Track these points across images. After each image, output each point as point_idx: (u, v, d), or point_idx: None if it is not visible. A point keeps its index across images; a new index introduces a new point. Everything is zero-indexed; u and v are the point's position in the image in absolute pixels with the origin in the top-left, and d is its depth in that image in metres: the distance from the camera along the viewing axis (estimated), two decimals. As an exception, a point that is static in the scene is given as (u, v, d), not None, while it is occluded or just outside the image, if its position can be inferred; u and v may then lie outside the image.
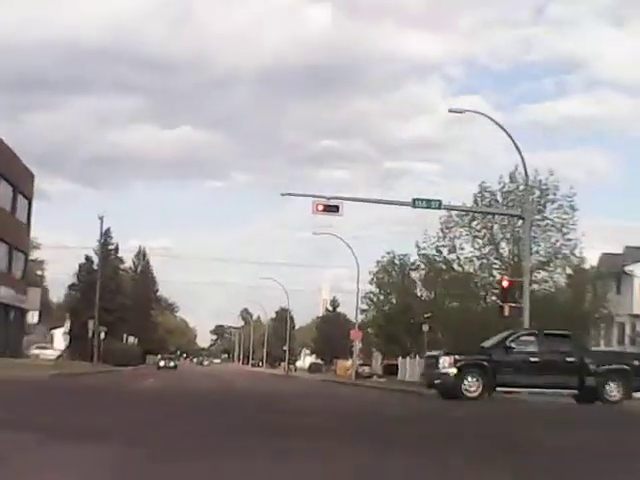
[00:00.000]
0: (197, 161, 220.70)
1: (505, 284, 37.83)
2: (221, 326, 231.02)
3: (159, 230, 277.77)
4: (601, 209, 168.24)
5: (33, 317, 70.19)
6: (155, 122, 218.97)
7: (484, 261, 48.54)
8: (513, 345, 29.40)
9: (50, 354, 70.83)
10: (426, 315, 61.84)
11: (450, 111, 38.55)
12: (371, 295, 79.67)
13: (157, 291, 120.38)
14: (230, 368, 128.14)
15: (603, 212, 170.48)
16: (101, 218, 68.29)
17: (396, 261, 78.14)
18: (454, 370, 28.24)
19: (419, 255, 55.87)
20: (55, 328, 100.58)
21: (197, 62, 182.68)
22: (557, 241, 47.20)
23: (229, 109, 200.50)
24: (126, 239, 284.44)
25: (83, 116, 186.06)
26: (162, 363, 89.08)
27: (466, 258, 49.21)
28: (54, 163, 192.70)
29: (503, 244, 47.66)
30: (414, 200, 36.39)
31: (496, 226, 47.63)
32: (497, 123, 37.99)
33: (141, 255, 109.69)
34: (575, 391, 29.13)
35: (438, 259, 51.63)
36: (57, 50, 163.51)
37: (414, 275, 73.98)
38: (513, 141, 36.80)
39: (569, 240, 46.95)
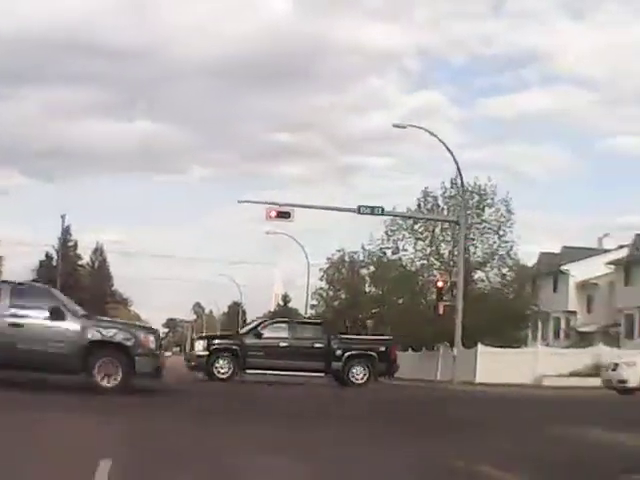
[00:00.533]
0: (154, 154, 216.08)
1: (440, 284, 41.72)
2: (173, 319, 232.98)
3: (115, 224, 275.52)
4: (560, 205, 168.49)
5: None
6: (111, 114, 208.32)
7: (425, 262, 52.49)
8: (264, 332, 33.21)
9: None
10: (373, 310, 65.45)
11: (394, 126, 42.22)
12: (321, 291, 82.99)
13: (112, 286, 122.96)
14: (180, 361, 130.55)
15: (561, 208, 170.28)
16: (62, 217, 71.57)
17: (346, 258, 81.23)
18: (206, 353, 32.12)
19: (364, 254, 59.95)
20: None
21: (153, 53, 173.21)
22: (494, 243, 51.42)
23: (186, 101, 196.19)
24: (82, 233, 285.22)
25: (37, 108, 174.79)
26: None
27: (408, 259, 53.26)
28: (9, 157, 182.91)
29: (444, 245, 51.52)
30: (359, 207, 40.34)
31: (437, 229, 51.51)
32: (435, 135, 42.26)
33: (99, 251, 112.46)
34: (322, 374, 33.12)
35: (382, 260, 55.83)
36: (7, 40, 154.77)
37: (363, 272, 77.43)
38: (451, 153, 41.40)
39: (505, 242, 51.21)
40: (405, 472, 8.97)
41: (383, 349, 33.87)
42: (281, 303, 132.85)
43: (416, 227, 52.19)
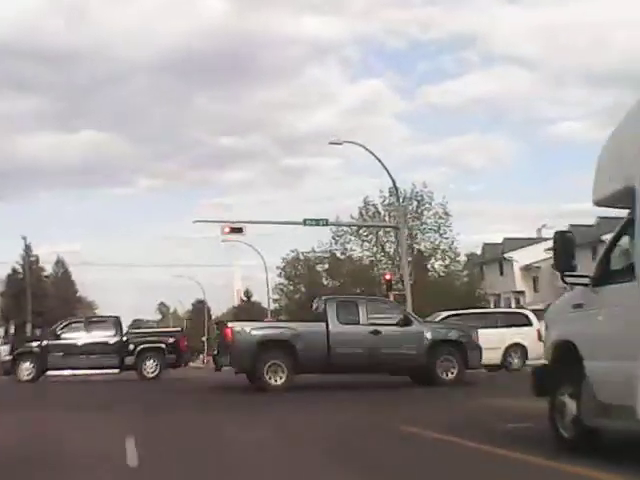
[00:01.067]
0: (101, 166, 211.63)
1: (388, 277, 46.16)
2: (139, 320, 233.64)
3: (69, 237, 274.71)
4: (505, 194, 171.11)
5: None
6: (57, 126, 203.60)
7: (373, 259, 57.83)
8: (61, 332, 34.18)
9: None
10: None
11: (330, 143, 45.31)
12: (281, 286, 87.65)
13: (77, 292, 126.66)
14: None
15: (506, 197, 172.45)
16: (24, 238, 78.11)
17: (301, 256, 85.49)
18: (10, 357, 34.09)
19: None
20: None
21: (93, 56, 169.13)
22: (436, 240, 56.96)
23: (128, 109, 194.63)
24: (38, 247, 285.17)
25: None
26: None
27: (357, 257, 58.83)
28: None
29: (388, 245, 56.67)
30: (304, 220, 44.64)
31: (380, 232, 56.75)
32: (369, 151, 45.56)
33: (60, 263, 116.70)
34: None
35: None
36: None
37: (319, 267, 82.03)
38: (384, 167, 45.50)
39: (446, 238, 56.78)
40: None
41: (172, 341, 35.20)
42: (244, 298, 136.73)
43: (360, 231, 57.70)
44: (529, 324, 33.87)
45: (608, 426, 9.14)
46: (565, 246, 9.70)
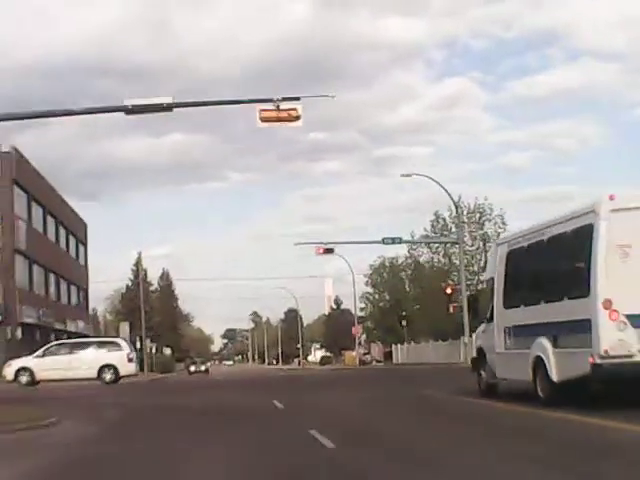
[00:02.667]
0: (192, 164, 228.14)
1: (448, 290, 56.30)
2: (232, 330, 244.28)
3: (160, 238, 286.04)
4: (595, 177, 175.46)
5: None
6: (144, 132, 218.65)
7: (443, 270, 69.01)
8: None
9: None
10: (417, 307, 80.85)
11: (402, 176, 56.10)
12: (367, 295, 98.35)
13: (177, 307, 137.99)
14: (250, 368, 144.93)
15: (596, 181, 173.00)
16: (139, 253, 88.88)
17: (386, 263, 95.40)
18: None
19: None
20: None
21: (179, 68, 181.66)
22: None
23: (218, 112, 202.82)
24: (128, 250, 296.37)
25: (73, 132, 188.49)
26: (193, 368, 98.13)
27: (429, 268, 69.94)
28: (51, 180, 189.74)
29: (454, 256, 67.00)
30: (383, 239, 56.06)
31: (448, 245, 67.30)
32: (435, 181, 55.94)
33: (165, 277, 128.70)
34: None
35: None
36: (41, 68, 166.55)
37: (402, 275, 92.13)
38: (446, 191, 55.75)
39: None
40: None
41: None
42: (334, 306, 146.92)
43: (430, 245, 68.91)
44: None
45: (496, 382, 20.42)
46: (474, 303, 21.24)
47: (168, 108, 24.66)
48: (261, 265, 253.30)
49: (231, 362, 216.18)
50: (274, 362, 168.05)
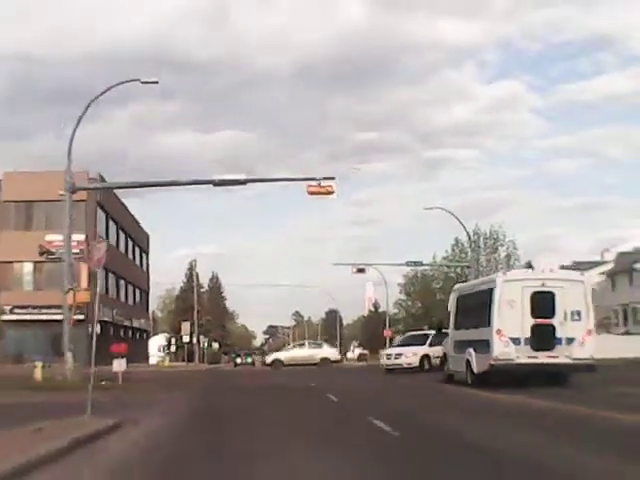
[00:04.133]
0: (239, 162, 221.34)
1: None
2: (274, 326, 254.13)
3: (207, 236, 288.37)
4: None
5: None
6: (196, 127, 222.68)
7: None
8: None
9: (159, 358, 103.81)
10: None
11: (425, 209, 67.57)
12: (400, 301, 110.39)
13: (224, 306, 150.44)
14: None
15: None
16: (193, 262, 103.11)
17: (418, 275, 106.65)
18: None
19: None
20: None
21: (233, 63, 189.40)
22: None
23: (268, 108, 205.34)
24: (176, 247, 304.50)
25: (125, 125, 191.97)
26: (239, 360, 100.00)
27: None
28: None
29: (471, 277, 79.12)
30: (407, 262, 68.13)
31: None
32: (452, 214, 66.88)
33: (214, 279, 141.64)
34: None
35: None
36: (96, 60, 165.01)
37: (434, 284, 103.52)
38: (461, 224, 66.96)
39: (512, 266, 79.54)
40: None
41: None
42: (372, 309, 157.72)
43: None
44: None
45: (452, 373, 32.42)
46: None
47: (244, 182, 36.72)
48: (305, 266, 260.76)
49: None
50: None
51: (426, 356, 47.64)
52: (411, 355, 47.89)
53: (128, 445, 13.77)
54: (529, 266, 42.48)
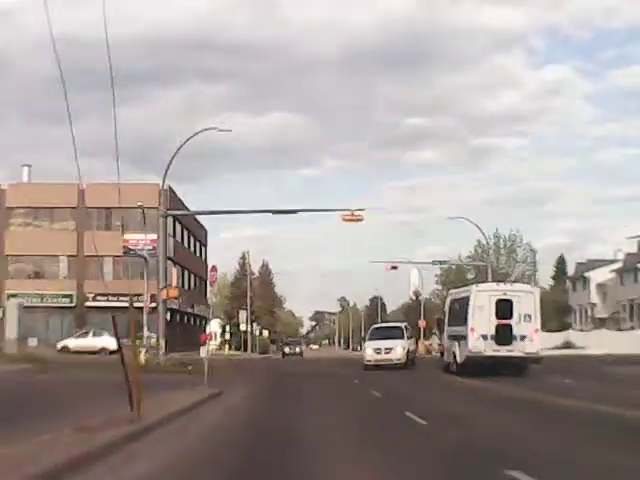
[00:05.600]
0: (287, 147, 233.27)
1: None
2: (320, 312, 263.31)
3: (254, 220, 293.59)
4: None
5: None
6: (244, 110, 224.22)
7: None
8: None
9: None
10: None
11: (449, 219, 79.85)
12: (437, 292, 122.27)
13: (273, 293, 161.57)
14: (336, 352, 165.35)
15: None
16: (246, 252, 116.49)
17: (453, 267, 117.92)
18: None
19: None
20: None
21: (282, 47, 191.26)
22: (524, 270, 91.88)
23: (316, 93, 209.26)
24: (221, 230, 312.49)
25: (171, 108, 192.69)
26: (287, 349, 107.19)
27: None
28: (146, 157, 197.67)
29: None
30: (432, 261, 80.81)
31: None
32: (473, 223, 79.13)
33: (265, 267, 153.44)
34: None
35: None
36: (143, 43, 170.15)
37: (467, 275, 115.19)
38: (481, 230, 78.98)
39: (530, 269, 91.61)
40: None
41: None
42: (413, 298, 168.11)
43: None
44: None
45: (448, 362, 44.10)
46: (439, 323, 45.43)
47: (295, 212, 49.05)
48: (352, 251, 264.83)
49: (317, 346, 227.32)
50: (358, 348, 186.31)
51: (408, 350, 49.47)
52: (401, 349, 48.38)
53: (232, 400, 25.87)
54: (499, 281, 53.64)
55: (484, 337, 38.58)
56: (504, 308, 38.74)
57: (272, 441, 15.37)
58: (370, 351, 48.65)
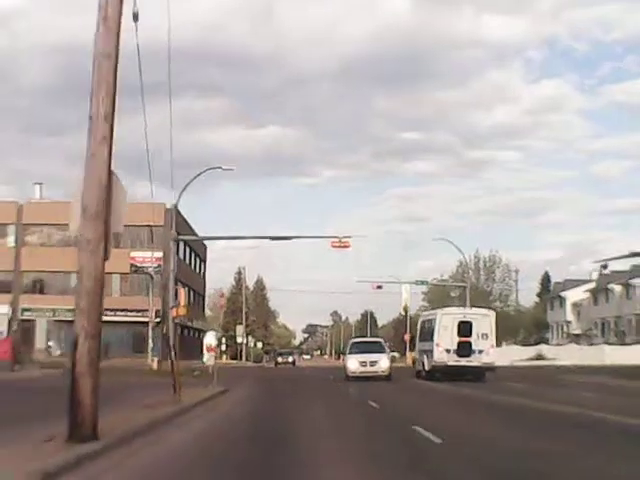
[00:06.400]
0: (283, 159, 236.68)
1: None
2: (313, 325, 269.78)
3: (249, 230, 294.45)
4: None
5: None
6: (241, 122, 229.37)
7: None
8: None
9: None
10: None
11: (433, 240, 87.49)
12: (424, 307, 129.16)
13: (267, 307, 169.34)
14: (326, 362, 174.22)
15: None
16: (242, 269, 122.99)
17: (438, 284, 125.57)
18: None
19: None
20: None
21: (278, 60, 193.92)
22: (502, 289, 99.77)
23: (312, 105, 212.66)
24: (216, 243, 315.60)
25: (167, 120, 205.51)
26: (280, 359, 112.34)
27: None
28: (142, 167, 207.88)
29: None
30: (416, 280, 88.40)
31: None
32: (455, 246, 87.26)
33: (259, 282, 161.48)
34: None
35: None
36: (142, 54, 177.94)
37: (452, 294, 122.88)
38: (460, 252, 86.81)
39: (508, 288, 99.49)
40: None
41: None
42: (403, 313, 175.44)
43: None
44: None
45: (419, 370, 51.97)
46: (413, 339, 53.08)
47: (290, 238, 56.57)
48: (345, 264, 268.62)
49: (309, 356, 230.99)
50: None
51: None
52: (386, 362, 49.97)
53: (237, 396, 33.23)
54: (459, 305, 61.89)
55: (447, 351, 46.30)
56: (465, 328, 46.73)
57: (271, 419, 22.57)
58: (355, 363, 50.05)
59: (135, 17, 14.41)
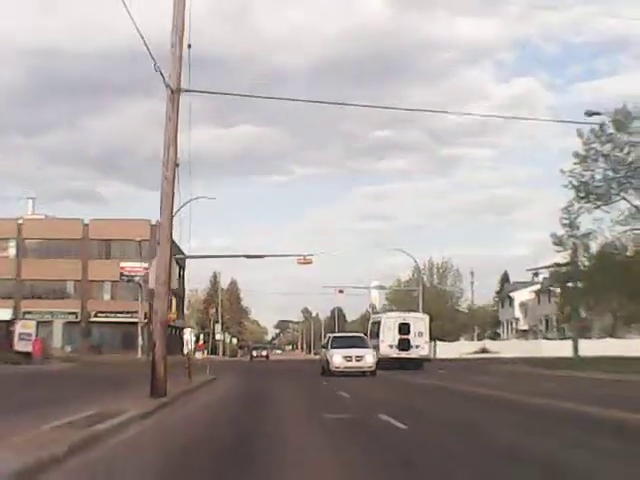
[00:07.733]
0: (257, 157, 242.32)
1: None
2: (284, 321, 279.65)
3: (221, 228, 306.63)
4: None
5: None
6: (213, 122, 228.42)
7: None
8: None
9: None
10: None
11: (389, 250, 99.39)
12: (386, 307, 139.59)
13: (240, 305, 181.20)
14: (298, 356, 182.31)
15: None
16: (218, 273, 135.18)
17: (401, 285, 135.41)
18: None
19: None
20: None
21: (252, 59, 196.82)
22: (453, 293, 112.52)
23: (286, 104, 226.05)
24: (193, 239, 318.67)
25: (142, 119, 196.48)
26: (255, 353, 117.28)
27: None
28: (112, 166, 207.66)
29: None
30: (374, 286, 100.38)
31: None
32: (408, 253, 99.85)
33: (233, 284, 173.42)
34: None
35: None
36: (114, 54, 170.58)
37: (414, 294, 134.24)
38: (414, 260, 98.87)
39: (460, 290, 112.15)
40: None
41: None
42: (370, 310, 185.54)
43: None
44: None
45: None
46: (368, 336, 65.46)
47: (263, 257, 68.65)
48: (317, 260, 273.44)
49: (280, 351, 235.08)
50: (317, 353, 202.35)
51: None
52: (371, 358, 49.71)
53: (226, 382, 44.26)
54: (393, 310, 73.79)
55: (390, 346, 58.39)
56: (404, 328, 59.34)
57: (257, 394, 33.64)
58: (339, 358, 49.28)
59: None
